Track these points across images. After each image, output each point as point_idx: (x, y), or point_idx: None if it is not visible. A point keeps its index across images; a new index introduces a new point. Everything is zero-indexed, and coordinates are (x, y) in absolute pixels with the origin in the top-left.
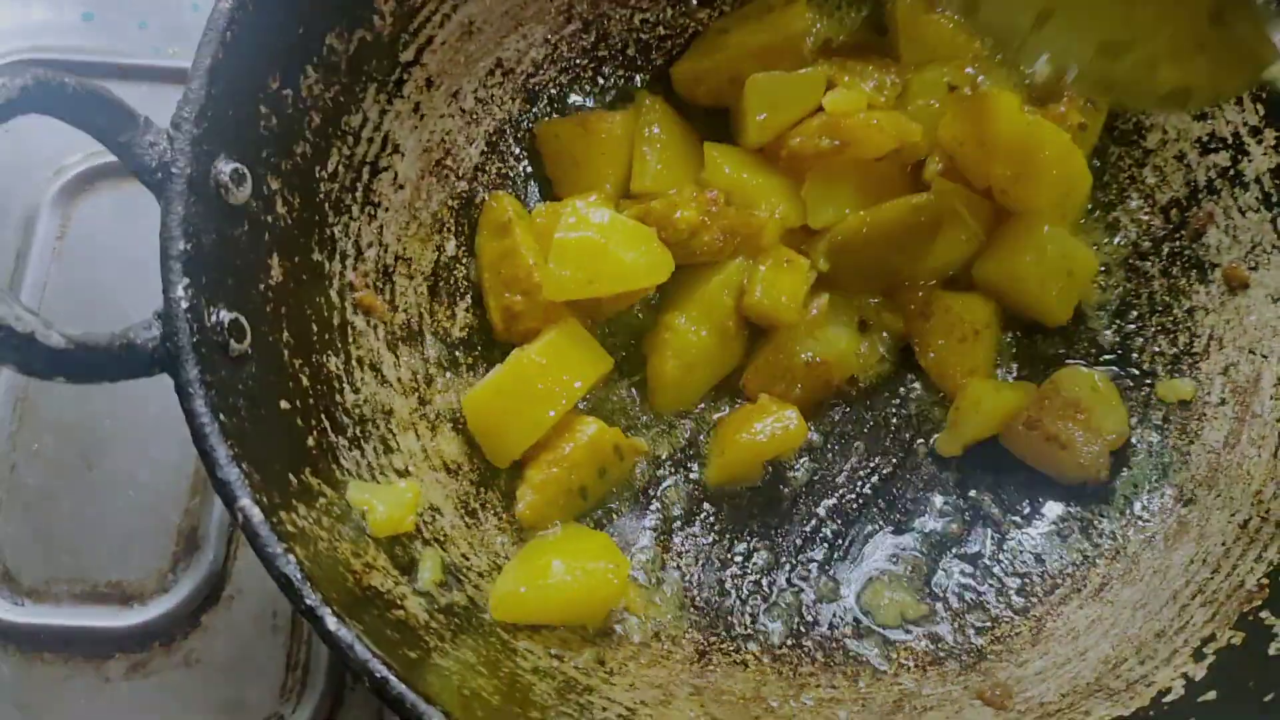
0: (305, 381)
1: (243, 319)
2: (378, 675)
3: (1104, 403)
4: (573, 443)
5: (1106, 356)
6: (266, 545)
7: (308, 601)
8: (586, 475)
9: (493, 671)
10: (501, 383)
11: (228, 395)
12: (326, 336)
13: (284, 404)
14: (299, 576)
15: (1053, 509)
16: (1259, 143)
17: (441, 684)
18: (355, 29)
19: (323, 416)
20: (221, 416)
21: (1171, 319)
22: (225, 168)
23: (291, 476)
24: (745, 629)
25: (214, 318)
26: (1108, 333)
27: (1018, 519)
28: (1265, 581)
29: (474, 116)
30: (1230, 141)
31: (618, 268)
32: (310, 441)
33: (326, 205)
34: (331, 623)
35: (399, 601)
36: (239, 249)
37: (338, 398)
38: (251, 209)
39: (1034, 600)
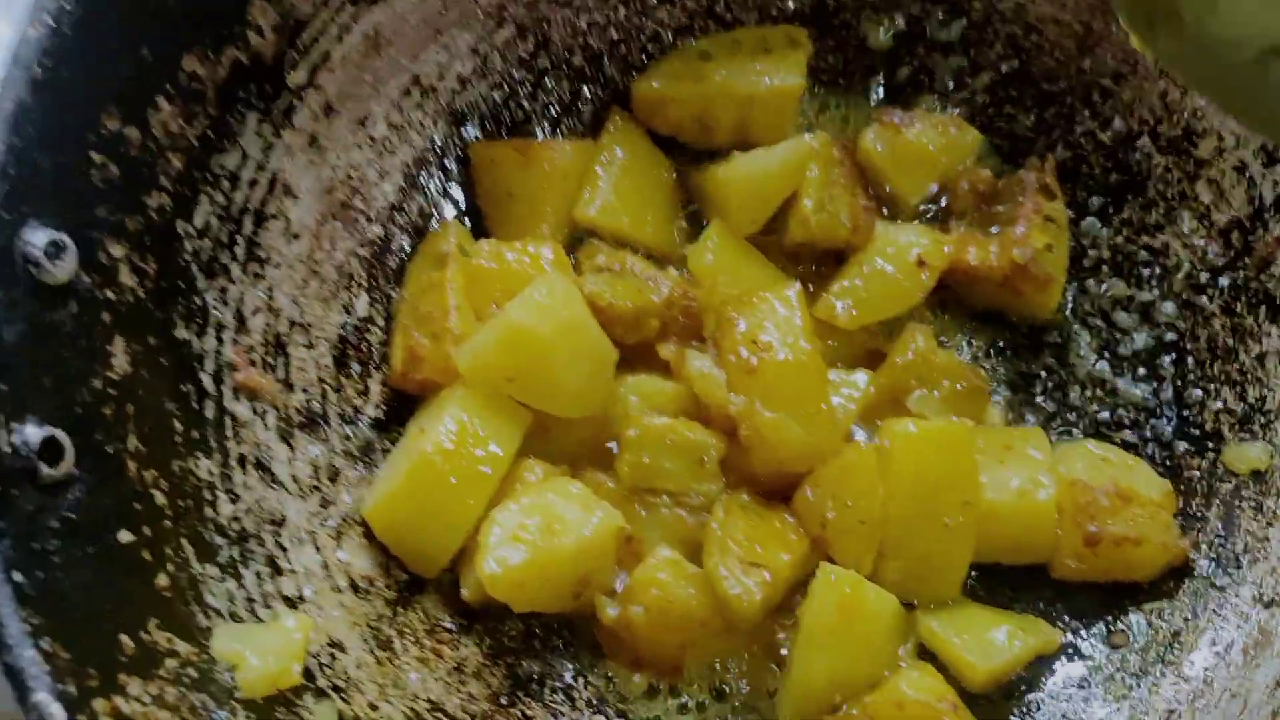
0: (160, 499)
1: (60, 434)
2: None
3: (1132, 469)
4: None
5: (1158, 419)
6: None
7: None
8: None
9: None
10: (405, 488)
11: (30, 541)
12: (195, 435)
13: (125, 535)
14: None
15: (1093, 619)
16: None
17: None
18: (224, 49)
19: (184, 543)
20: (16, 574)
21: (1238, 367)
22: (36, 238)
23: (125, 638)
24: None
25: (15, 438)
26: (1145, 387)
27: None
28: None
29: (387, 146)
30: None
31: (548, 387)
32: (162, 580)
33: (195, 268)
34: None
35: None
36: (61, 340)
37: (208, 511)
38: (81, 286)
39: None
